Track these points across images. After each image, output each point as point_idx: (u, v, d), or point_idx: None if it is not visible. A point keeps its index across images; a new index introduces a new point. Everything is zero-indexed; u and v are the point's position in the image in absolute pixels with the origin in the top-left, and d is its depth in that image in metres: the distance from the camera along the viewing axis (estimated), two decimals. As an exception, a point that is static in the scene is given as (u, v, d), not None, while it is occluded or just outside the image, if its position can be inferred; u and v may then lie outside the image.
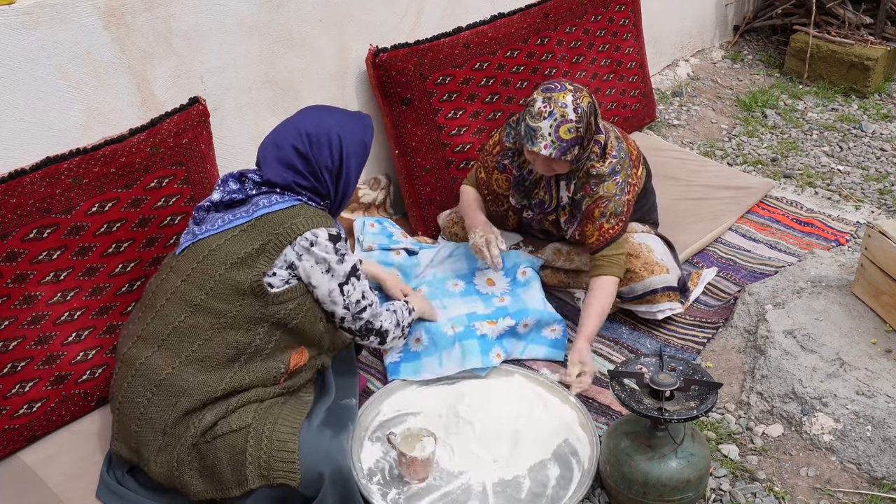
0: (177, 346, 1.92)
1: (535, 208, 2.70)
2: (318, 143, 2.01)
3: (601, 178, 2.53)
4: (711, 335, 2.71)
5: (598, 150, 2.52)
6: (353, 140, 2.05)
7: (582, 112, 2.35)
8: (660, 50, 4.56)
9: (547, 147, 2.35)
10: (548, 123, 2.33)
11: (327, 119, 2.05)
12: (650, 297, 2.64)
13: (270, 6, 2.60)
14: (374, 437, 2.27)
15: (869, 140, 4.08)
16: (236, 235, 1.95)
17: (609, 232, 2.55)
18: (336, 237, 2.00)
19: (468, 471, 2.17)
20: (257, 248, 1.93)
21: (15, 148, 2.14)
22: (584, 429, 2.26)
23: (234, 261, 1.93)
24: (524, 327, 2.59)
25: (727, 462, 2.28)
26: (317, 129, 2.02)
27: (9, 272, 2.04)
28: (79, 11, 2.15)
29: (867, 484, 2.21)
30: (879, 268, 2.52)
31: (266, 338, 1.97)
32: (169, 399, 1.89)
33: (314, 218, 1.98)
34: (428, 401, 2.39)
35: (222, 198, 2.01)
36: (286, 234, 1.94)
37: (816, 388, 2.36)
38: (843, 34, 4.65)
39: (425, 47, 2.95)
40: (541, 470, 2.18)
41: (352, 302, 2.07)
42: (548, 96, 2.35)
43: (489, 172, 2.74)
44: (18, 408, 2.12)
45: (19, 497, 2.03)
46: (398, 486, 2.13)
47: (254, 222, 1.95)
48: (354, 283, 2.05)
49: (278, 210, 1.96)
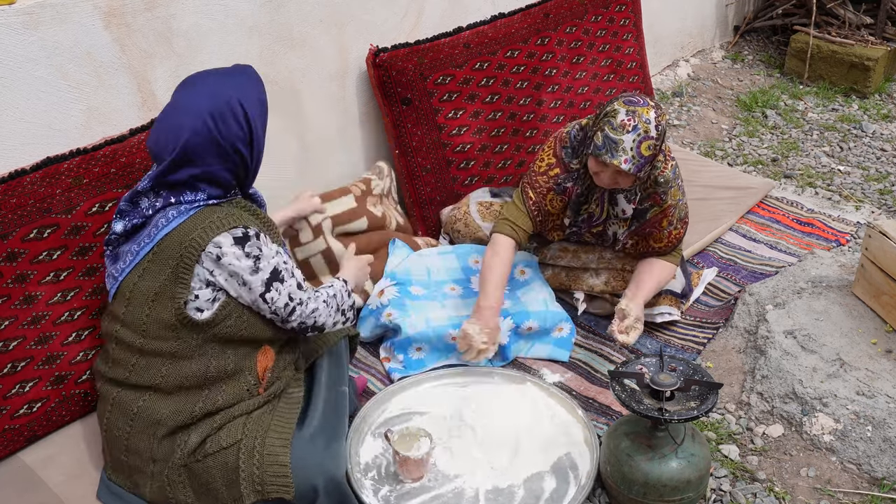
0: (139, 384, 1.88)
1: (582, 224, 2.62)
2: (224, 118, 1.77)
3: (668, 184, 2.48)
4: (712, 335, 2.71)
5: (661, 159, 2.46)
6: (253, 100, 1.84)
7: (662, 129, 2.31)
8: (660, 50, 4.56)
9: (627, 162, 2.26)
10: (630, 138, 2.25)
11: (217, 87, 1.81)
12: (652, 298, 2.65)
13: (271, 6, 2.60)
14: (376, 433, 2.28)
15: (869, 140, 4.08)
16: (146, 268, 1.82)
17: (676, 238, 2.61)
18: (243, 238, 1.81)
19: (464, 475, 2.17)
20: (169, 277, 1.79)
21: (15, 148, 2.14)
22: (587, 444, 2.24)
23: (152, 297, 1.81)
24: (528, 330, 2.59)
25: (727, 462, 2.27)
26: (216, 105, 1.78)
27: (9, 272, 2.04)
28: (79, 11, 2.15)
29: (867, 484, 2.20)
30: (880, 268, 2.52)
31: (220, 358, 1.89)
32: (147, 429, 1.87)
33: (213, 224, 1.79)
34: (435, 401, 2.39)
35: (125, 227, 1.86)
36: (190, 254, 1.78)
37: (817, 388, 2.36)
38: (844, 34, 4.65)
39: (426, 47, 2.94)
40: (537, 481, 2.16)
41: (278, 307, 1.90)
42: (632, 110, 2.27)
43: (542, 194, 2.58)
44: (18, 408, 2.11)
45: (19, 497, 2.03)
46: (391, 484, 2.13)
47: (157, 249, 1.80)
48: (277, 287, 1.87)
49: (177, 226, 1.79)
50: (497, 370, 2.50)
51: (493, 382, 2.46)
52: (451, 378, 2.47)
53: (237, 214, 1.83)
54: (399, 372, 2.51)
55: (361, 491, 2.07)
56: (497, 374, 2.48)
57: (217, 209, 1.82)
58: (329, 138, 2.96)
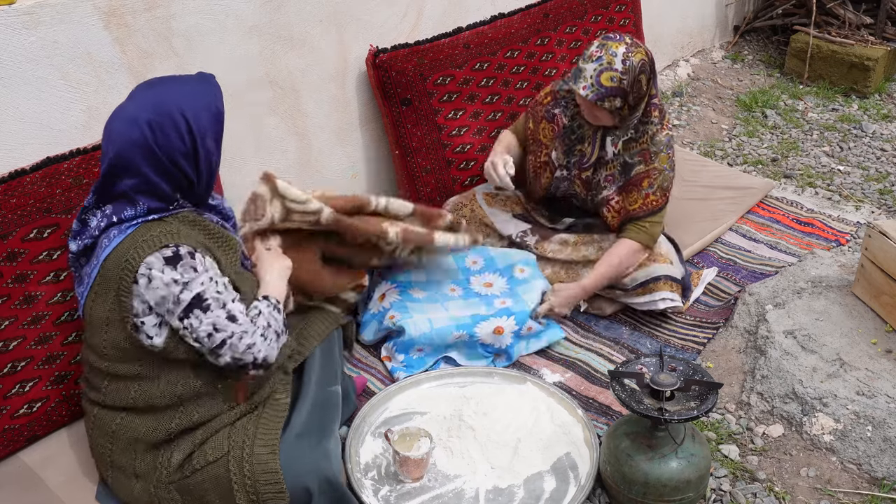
0: (114, 406, 1.86)
1: (571, 166, 2.71)
2: (163, 128, 1.68)
3: (660, 146, 2.58)
4: (712, 335, 2.71)
5: (658, 116, 2.60)
6: (202, 112, 1.73)
7: (630, 65, 2.41)
8: (660, 50, 4.56)
9: (585, 88, 2.42)
10: (593, 67, 2.41)
11: (164, 95, 1.72)
12: (652, 284, 2.65)
13: (271, 6, 2.60)
14: (376, 433, 2.28)
15: (869, 140, 4.08)
16: (97, 292, 1.76)
17: (653, 203, 2.63)
18: (174, 258, 1.70)
19: (464, 475, 2.17)
20: (114, 301, 1.73)
21: (15, 148, 2.14)
22: (587, 444, 2.23)
23: (104, 324, 1.76)
24: (528, 331, 2.59)
25: (727, 462, 2.27)
26: (157, 113, 1.69)
27: (9, 272, 2.04)
28: (79, 11, 2.15)
29: (867, 484, 2.20)
30: (880, 268, 2.52)
31: (187, 378, 1.83)
32: (128, 446, 1.86)
33: (145, 244, 1.69)
34: (435, 401, 2.39)
35: (79, 246, 1.80)
36: (126, 277, 1.70)
37: (817, 388, 2.36)
38: (844, 34, 4.65)
39: (425, 48, 2.94)
40: (537, 481, 2.15)
41: (200, 337, 1.73)
42: (603, 43, 2.44)
43: (537, 122, 2.78)
44: (19, 408, 2.11)
45: (19, 497, 2.03)
46: (391, 484, 2.13)
47: (101, 272, 1.74)
48: (198, 315, 1.71)
49: (115, 248, 1.72)
50: (497, 370, 2.50)
51: (493, 382, 2.45)
52: (450, 378, 2.47)
53: (173, 231, 1.73)
54: (402, 370, 2.51)
55: (361, 491, 2.07)
56: (497, 374, 2.48)
57: (153, 226, 1.73)
58: (329, 139, 2.96)
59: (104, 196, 1.77)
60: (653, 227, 2.66)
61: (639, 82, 2.46)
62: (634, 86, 2.45)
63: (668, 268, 2.69)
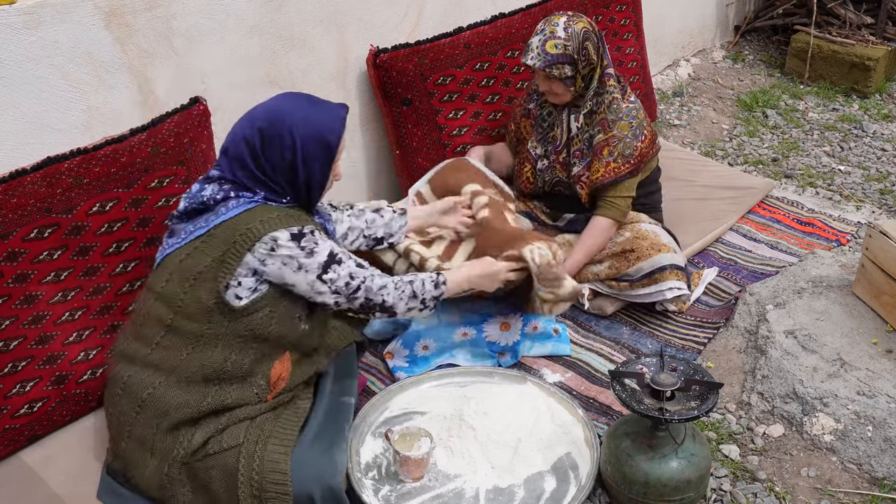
0: (157, 366, 1.88)
1: (549, 154, 2.82)
2: (271, 141, 1.85)
3: (618, 114, 2.68)
4: (712, 335, 2.71)
5: (615, 84, 2.70)
6: (311, 139, 1.87)
7: (573, 32, 2.58)
8: (660, 50, 4.56)
9: (533, 59, 2.59)
10: (538, 39, 2.60)
11: (287, 112, 1.87)
12: (657, 274, 2.66)
13: (271, 6, 2.60)
14: (376, 433, 2.27)
15: (870, 140, 4.08)
16: (197, 248, 1.85)
17: (614, 171, 2.69)
18: (299, 235, 1.86)
19: (464, 475, 2.16)
20: (216, 259, 1.83)
21: (15, 148, 2.14)
22: (587, 444, 2.22)
23: (195, 276, 1.84)
24: (533, 329, 2.60)
25: (728, 462, 2.27)
26: (271, 125, 1.85)
27: (10, 272, 2.04)
28: (80, 11, 2.15)
29: (868, 484, 2.20)
30: (880, 268, 2.52)
31: (241, 353, 1.90)
32: (153, 419, 1.87)
33: (273, 220, 1.85)
34: (435, 401, 2.38)
35: (186, 207, 1.90)
36: (244, 241, 1.82)
37: (817, 388, 2.36)
38: (845, 34, 4.65)
39: (426, 48, 2.94)
40: (537, 481, 2.14)
41: (339, 287, 1.93)
42: (547, 18, 2.65)
43: (518, 121, 2.94)
44: (19, 407, 2.12)
45: (19, 497, 2.03)
46: (392, 484, 2.13)
47: (212, 231, 1.85)
48: (335, 269, 1.91)
49: (234, 216, 1.85)
50: (497, 370, 2.49)
51: (493, 382, 2.45)
52: (451, 378, 2.47)
53: (295, 215, 1.89)
54: (403, 370, 2.51)
55: (362, 491, 2.07)
56: (497, 374, 2.48)
57: (275, 209, 1.88)
58: (329, 138, 2.96)
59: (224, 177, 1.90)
60: (620, 199, 2.72)
61: (585, 49, 2.60)
62: (581, 52, 2.59)
63: (672, 257, 2.69)
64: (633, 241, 2.70)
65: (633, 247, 2.69)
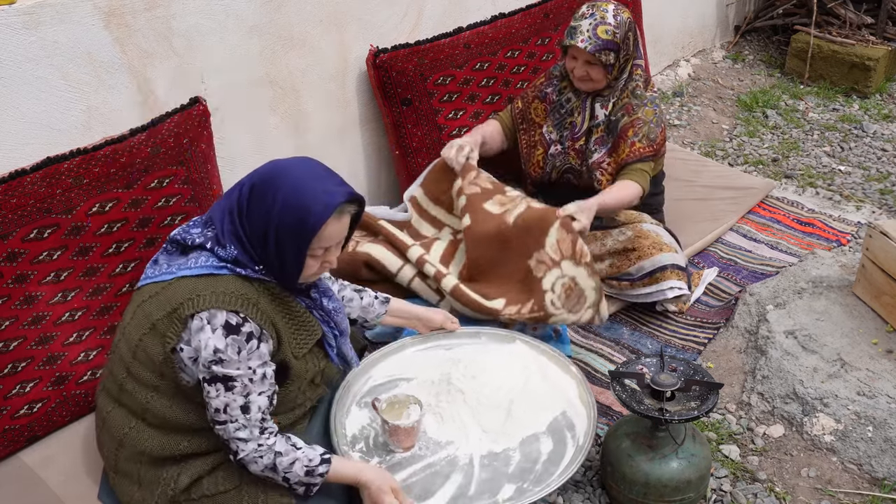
0: (127, 407, 1.81)
1: (564, 139, 2.82)
2: (257, 200, 1.69)
3: (643, 101, 2.73)
4: (712, 335, 2.71)
5: (641, 74, 2.76)
6: (290, 213, 1.67)
7: (621, 21, 2.63)
8: (661, 50, 4.56)
9: (584, 41, 2.59)
10: (588, 22, 2.62)
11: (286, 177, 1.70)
12: (659, 273, 2.66)
13: (271, 6, 2.60)
14: (362, 403, 2.15)
15: (870, 140, 4.08)
16: (158, 293, 1.72)
17: (639, 150, 2.72)
18: (234, 328, 1.65)
19: (456, 441, 2.05)
20: (167, 316, 1.69)
21: (15, 148, 2.14)
22: (582, 402, 2.13)
23: (150, 325, 1.71)
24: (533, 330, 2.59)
25: (728, 462, 2.27)
26: (263, 182, 1.70)
27: (9, 272, 2.04)
28: (79, 11, 2.15)
29: (868, 484, 2.20)
30: (880, 268, 2.52)
31: (203, 413, 1.75)
32: (134, 455, 1.82)
33: (224, 295, 1.67)
34: (422, 366, 2.26)
35: (175, 237, 1.78)
36: (187, 306, 1.66)
37: (817, 388, 2.36)
38: (845, 34, 4.65)
39: (426, 48, 2.94)
40: (533, 443, 2.05)
41: (210, 405, 1.70)
42: (592, 3, 2.68)
43: (528, 101, 2.91)
44: (19, 408, 2.11)
45: (19, 497, 2.03)
46: (381, 455, 2.01)
47: (174, 282, 1.71)
48: (219, 388, 1.68)
49: (194, 274, 1.70)
50: (483, 330, 2.36)
51: (479, 343, 2.32)
52: (436, 340, 2.33)
53: (253, 301, 1.70)
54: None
55: None
56: (484, 335, 2.35)
57: (239, 282, 1.71)
58: (329, 139, 2.96)
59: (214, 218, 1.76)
60: (644, 172, 2.73)
61: (627, 39, 2.65)
62: (625, 42, 2.64)
63: (674, 256, 2.70)
64: (635, 239, 2.70)
65: (635, 245, 2.69)
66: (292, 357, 1.82)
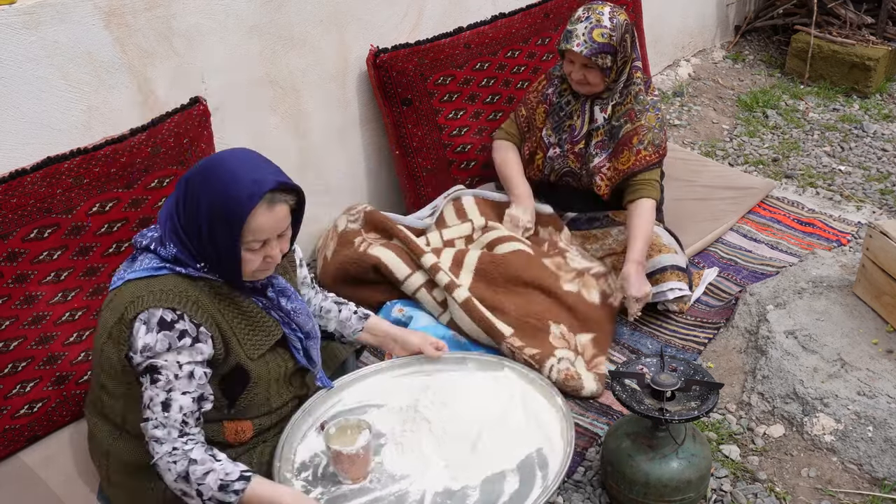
0: (106, 417, 1.80)
1: (563, 142, 2.81)
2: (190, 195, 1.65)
3: (645, 107, 2.69)
4: (712, 335, 2.71)
5: (641, 76, 2.73)
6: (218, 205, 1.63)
7: (617, 23, 2.60)
8: (661, 50, 4.56)
9: (579, 45, 2.57)
10: (583, 26, 2.59)
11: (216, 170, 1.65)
12: (658, 275, 2.66)
13: (271, 6, 2.60)
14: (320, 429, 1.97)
15: (870, 140, 4.08)
16: (112, 300, 1.70)
17: (645, 159, 2.70)
18: (170, 324, 1.63)
19: (412, 475, 1.85)
20: (119, 322, 1.66)
21: (15, 148, 2.14)
22: (562, 437, 1.92)
23: (106, 334, 1.69)
24: None
25: (728, 462, 2.27)
26: (196, 176, 1.66)
27: (9, 272, 2.04)
28: (80, 11, 2.15)
29: (868, 484, 2.20)
30: (881, 268, 2.52)
31: None
32: (119, 466, 1.82)
33: (162, 294, 1.65)
34: (395, 392, 2.08)
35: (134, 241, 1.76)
36: (131, 309, 1.65)
37: (818, 388, 2.36)
38: (845, 34, 4.65)
39: (426, 48, 2.94)
40: (497, 482, 1.83)
41: (142, 398, 1.66)
42: (588, 6, 2.65)
43: (532, 108, 2.90)
44: (19, 408, 2.12)
45: (19, 497, 2.03)
46: (325, 486, 1.83)
47: (122, 287, 1.69)
48: (146, 381, 1.64)
49: (139, 277, 1.68)
50: (472, 356, 2.21)
51: (465, 370, 2.14)
52: (419, 365, 2.15)
53: (192, 299, 1.67)
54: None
55: None
56: (471, 360, 2.17)
57: (179, 281, 1.68)
58: (329, 139, 2.96)
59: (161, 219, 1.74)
60: (653, 180, 2.73)
61: (624, 41, 2.62)
62: (622, 44, 2.61)
63: (674, 257, 2.70)
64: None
65: None
66: (247, 358, 1.78)
